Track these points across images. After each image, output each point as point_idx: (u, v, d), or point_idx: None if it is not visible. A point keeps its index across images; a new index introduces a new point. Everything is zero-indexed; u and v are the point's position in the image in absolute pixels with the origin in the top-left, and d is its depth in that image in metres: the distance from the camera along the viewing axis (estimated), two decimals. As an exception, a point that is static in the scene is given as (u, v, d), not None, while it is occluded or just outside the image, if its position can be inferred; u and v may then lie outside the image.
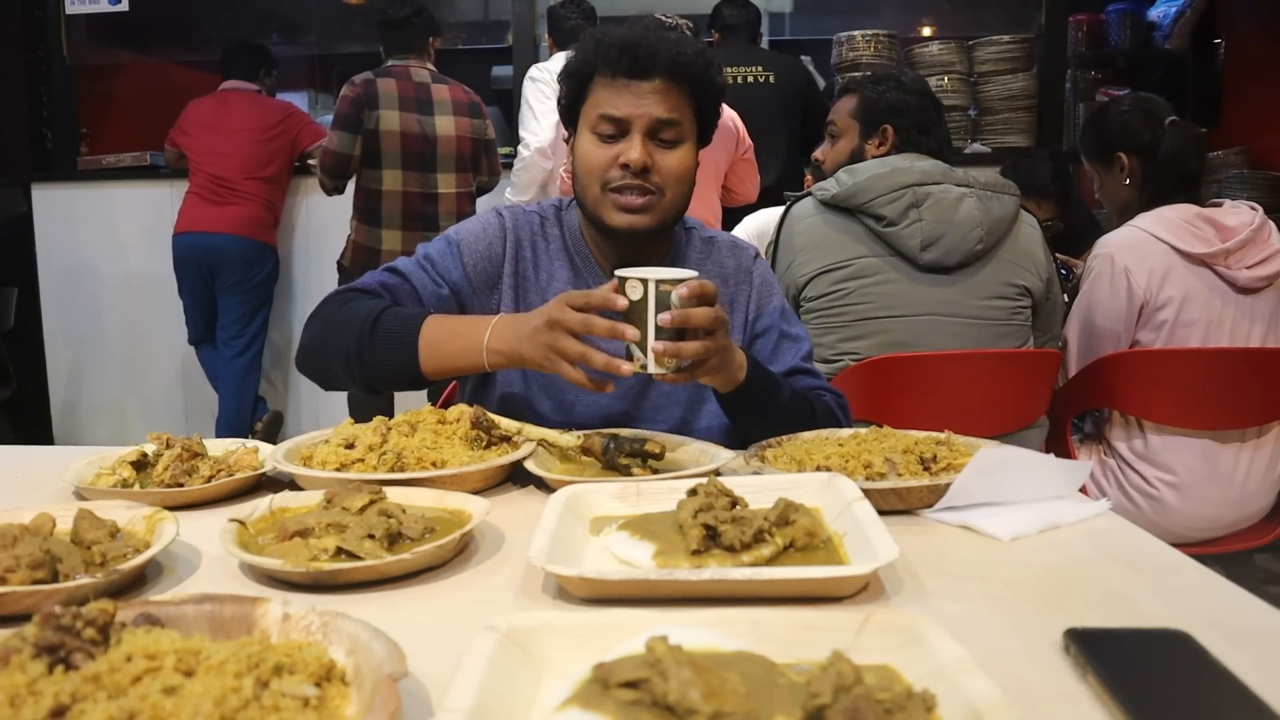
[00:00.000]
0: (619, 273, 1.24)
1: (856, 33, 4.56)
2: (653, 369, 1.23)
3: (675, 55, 1.42)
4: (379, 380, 1.44)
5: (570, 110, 1.52)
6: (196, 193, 4.20)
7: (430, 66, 3.82)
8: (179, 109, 4.33)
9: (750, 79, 3.98)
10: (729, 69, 3.98)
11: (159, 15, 5.43)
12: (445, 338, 1.38)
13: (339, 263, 3.85)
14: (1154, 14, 4.92)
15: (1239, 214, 2.26)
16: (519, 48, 4.73)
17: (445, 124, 3.75)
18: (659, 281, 1.22)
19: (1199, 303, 2.21)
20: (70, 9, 4.71)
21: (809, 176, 3.29)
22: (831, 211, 2.18)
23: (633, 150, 1.42)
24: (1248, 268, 2.21)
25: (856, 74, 2.63)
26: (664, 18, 1.47)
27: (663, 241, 1.57)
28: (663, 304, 1.22)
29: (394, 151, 3.68)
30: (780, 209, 2.42)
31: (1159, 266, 2.21)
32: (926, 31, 5.32)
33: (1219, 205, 2.31)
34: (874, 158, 2.24)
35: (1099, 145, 2.41)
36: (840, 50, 4.60)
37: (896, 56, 4.60)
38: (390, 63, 3.77)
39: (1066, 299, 2.40)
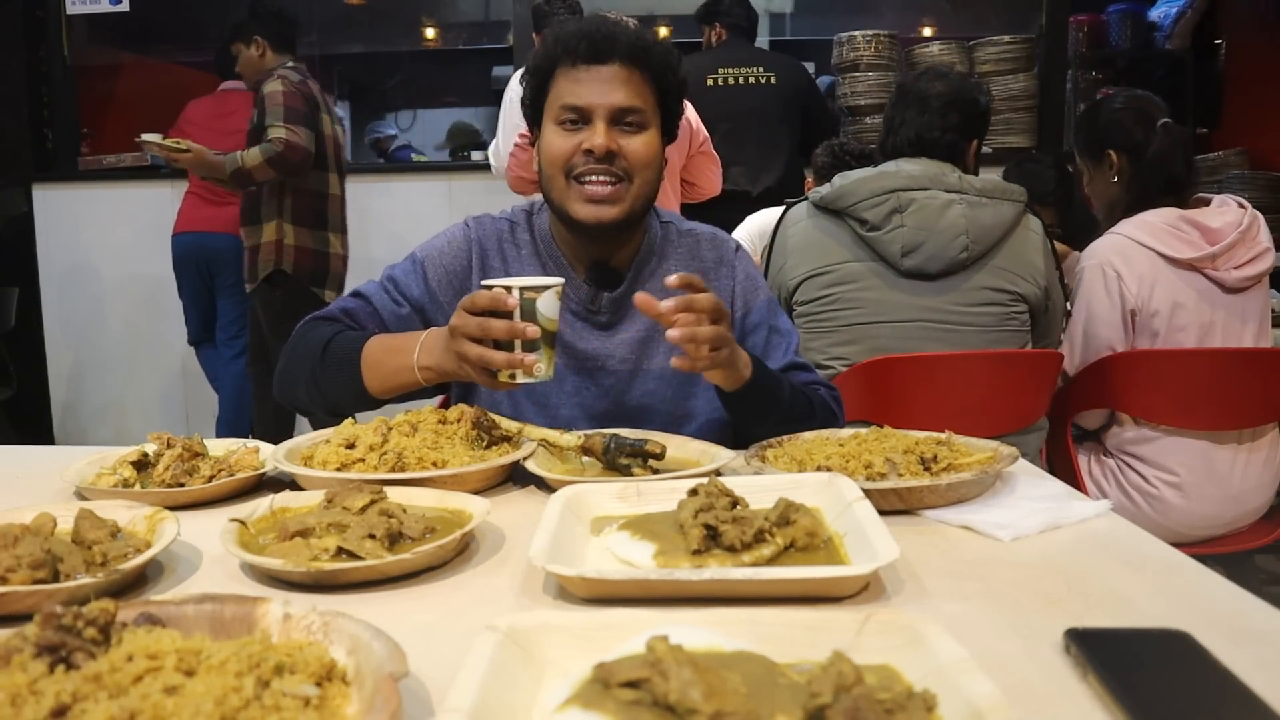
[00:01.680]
0: (484, 283, 1.26)
1: (857, 33, 4.56)
2: (521, 378, 1.24)
3: (634, 40, 1.44)
4: (335, 404, 1.45)
5: (534, 107, 1.52)
6: (195, 193, 4.20)
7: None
8: (179, 109, 4.33)
9: (752, 80, 3.97)
10: (730, 69, 3.96)
11: (159, 15, 5.44)
12: (384, 356, 1.40)
13: (280, 269, 3.62)
14: (1155, 14, 4.93)
15: (1224, 214, 2.23)
16: (519, 48, 4.73)
17: (335, 127, 3.79)
18: (523, 289, 1.23)
19: (1189, 307, 2.19)
20: (71, 9, 4.72)
21: (809, 179, 3.28)
22: (823, 215, 2.19)
23: (596, 135, 1.42)
24: (1236, 268, 2.19)
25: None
26: (624, 18, 1.49)
27: (635, 235, 1.56)
28: (528, 312, 1.23)
29: (332, 155, 3.70)
30: (780, 210, 2.43)
31: (1147, 273, 2.20)
32: (927, 32, 5.32)
33: (1205, 203, 2.28)
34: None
35: (1090, 141, 2.40)
36: (841, 50, 4.61)
37: (897, 57, 4.61)
38: (290, 64, 3.68)
39: (1068, 305, 2.39)
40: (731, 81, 3.95)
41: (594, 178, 1.43)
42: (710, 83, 3.93)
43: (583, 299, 1.54)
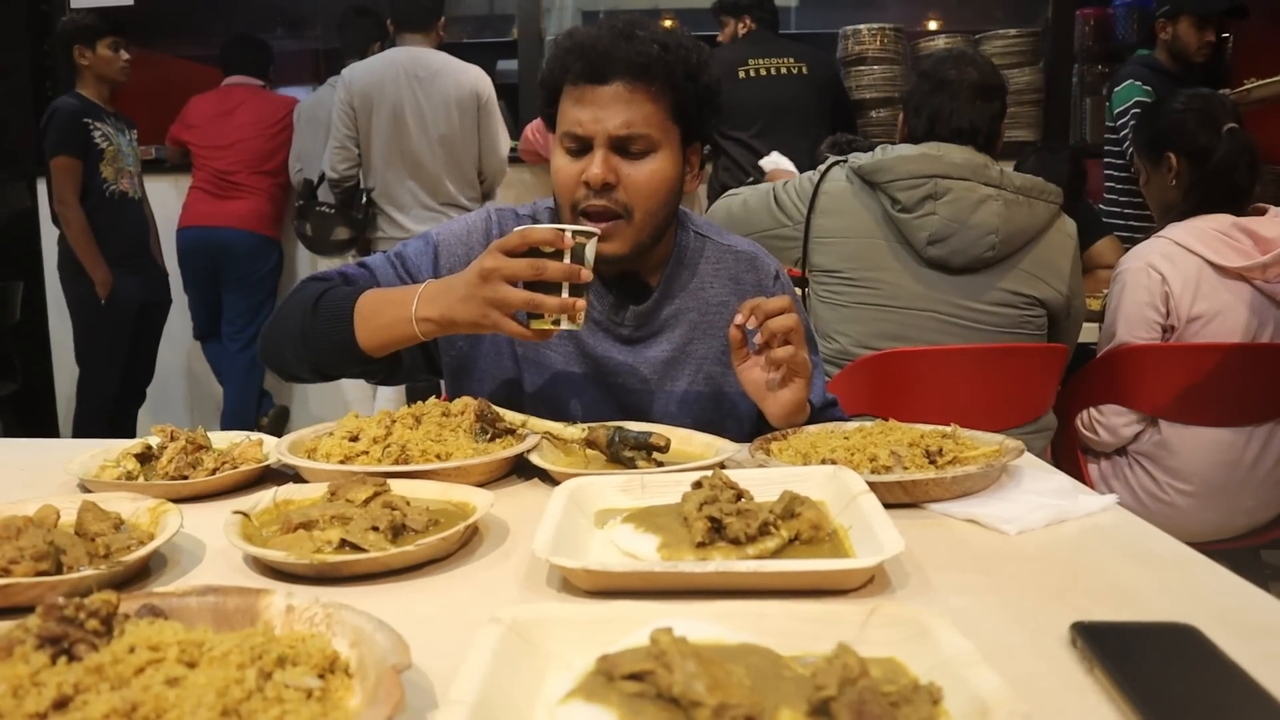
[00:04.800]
0: (522, 228, 1.21)
1: (863, 26, 4.54)
2: (565, 325, 1.20)
3: (635, 56, 1.33)
4: (323, 360, 1.38)
5: (550, 121, 1.45)
6: (200, 187, 4.21)
7: None
8: (183, 103, 4.33)
9: (784, 70, 3.92)
10: (759, 61, 3.93)
11: (163, 10, 5.43)
12: (379, 308, 1.32)
13: None
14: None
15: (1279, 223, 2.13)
16: (524, 42, 4.72)
17: None
18: (575, 232, 1.19)
19: (1232, 317, 2.13)
20: (75, 2, 4.71)
21: (849, 157, 3.26)
22: (859, 183, 2.16)
23: (594, 166, 1.34)
24: None
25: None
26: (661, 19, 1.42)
27: (662, 249, 1.49)
28: (577, 256, 1.19)
29: None
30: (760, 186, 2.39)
31: (1191, 280, 2.13)
32: (933, 25, 5.30)
33: (1263, 211, 2.18)
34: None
35: (1150, 140, 2.31)
36: (846, 44, 4.59)
37: (903, 50, 4.59)
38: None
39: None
40: (764, 72, 3.91)
41: (594, 213, 1.37)
42: (742, 75, 3.90)
43: (605, 308, 1.48)
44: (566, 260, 1.19)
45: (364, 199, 3.75)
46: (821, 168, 2.25)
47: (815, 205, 2.18)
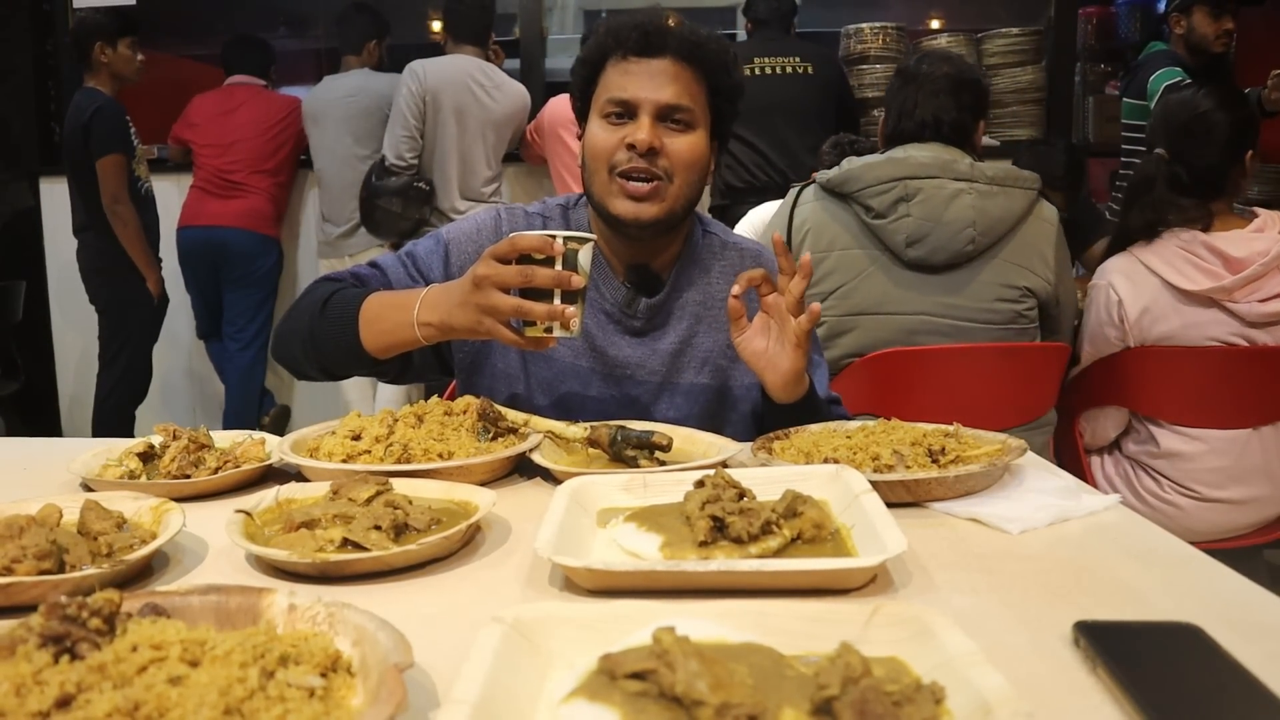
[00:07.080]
0: (515, 234, 1.20)
1: (865, 25, 4.54)
2: (557, 332, 1.19)
3: (688, 35, 1.40)
4: (330, 360, 1.40)
5: (582, 99, 1.47)
6: (200, 187, 4.21)
7: None
8: (186, 103, 4.34)
9: (789, 69, 3.92)
10: (765, 59, 3.93)
11: (166, 9, 5.43)
12: (382, 311, 1.33)
13: None
14: (1164, 6, 4.89)
15: (1252, 241, 2.07)
16: (525, 41, 4.72)
17: None
18: (567, 238, 1.18)
19: (1198, 338, 2.10)
20: (78, 2, 4.70)
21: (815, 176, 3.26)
22: (830, 198, 2.16)
23: (640, 130, 1.37)
24: (1261, 301, 2.05)
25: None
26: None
27: (676, 239, 1.51)
28: (570, 262, 1.18)
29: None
30: (779, 201, 2.42)
31: (1150, 301, 2.12)
32: (935, 24, 5.30)
33: (1247, 221, 2.14)
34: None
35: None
36: (849, 43, 4.58)
37: (905, 49, 4.58)
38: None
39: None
40: (769, 71, 3.91)
41: (635, 175, 1.39)
42: (748, 73, 3.91)
43: (618, 301, 1.49)
44: (558, 267, 1.18)
45: (422, 188, 3.91)
46: (792, 193, 2.27)
47: (797, 228, 2.18)
